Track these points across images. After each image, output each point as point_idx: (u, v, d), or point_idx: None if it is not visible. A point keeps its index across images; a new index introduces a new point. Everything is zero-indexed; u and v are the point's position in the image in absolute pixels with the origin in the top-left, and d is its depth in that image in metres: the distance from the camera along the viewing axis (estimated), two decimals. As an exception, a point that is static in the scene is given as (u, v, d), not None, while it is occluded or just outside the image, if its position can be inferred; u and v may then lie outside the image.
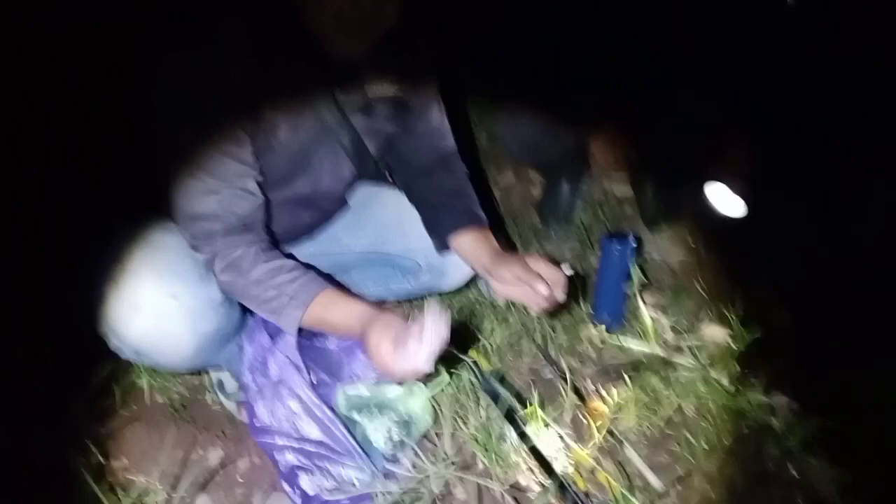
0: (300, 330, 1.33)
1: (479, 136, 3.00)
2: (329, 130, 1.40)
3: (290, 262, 1.34)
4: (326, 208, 1.63)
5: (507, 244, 2.23)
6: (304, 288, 1.30)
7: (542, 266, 1.42)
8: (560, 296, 1.41)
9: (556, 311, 1.67)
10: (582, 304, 1.95)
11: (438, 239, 1.59)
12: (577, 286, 2.01)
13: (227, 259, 1.28)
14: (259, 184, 1.32)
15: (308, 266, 1.38)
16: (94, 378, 1.51)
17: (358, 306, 1.30)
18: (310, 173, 1.46)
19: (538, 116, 2.18)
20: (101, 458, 1.30)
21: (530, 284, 1.38)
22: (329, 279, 1.41)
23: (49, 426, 1.38)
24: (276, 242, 1.46)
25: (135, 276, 1.26)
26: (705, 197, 2.05)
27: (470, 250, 1.55)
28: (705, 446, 1.52)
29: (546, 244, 2.38)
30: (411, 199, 1.66)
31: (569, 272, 1.46)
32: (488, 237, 1.55)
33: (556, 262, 1.45)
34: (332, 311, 1.31)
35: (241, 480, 1.39)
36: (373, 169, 1.62)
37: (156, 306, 1.27)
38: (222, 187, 1.26)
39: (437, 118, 1.59)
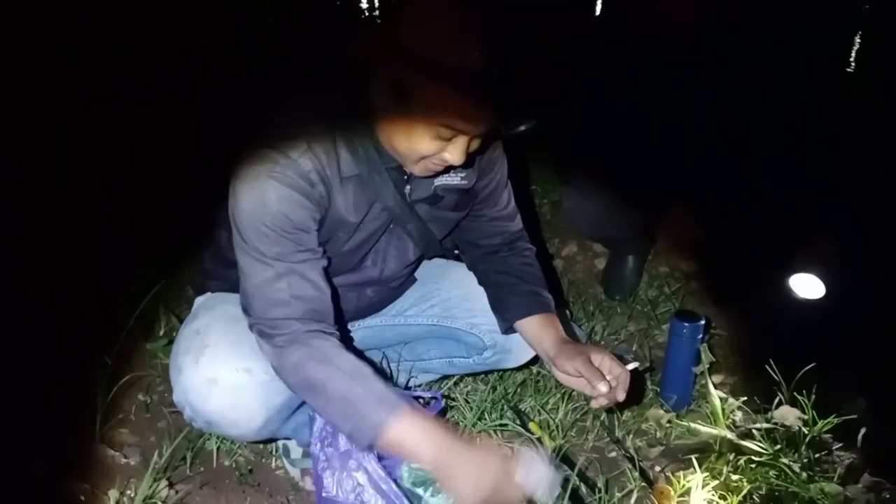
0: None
1: (542, 206, 3.05)
2: (396, 219, 1.44)
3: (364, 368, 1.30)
4: (393, 286, 1.66)
5: (573, 318, 2.22)
6: (390, 397, 1.24)
7: (606, 362, 1.41)
8: (620, 396, 1.40)
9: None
10: (649, 383, 1.93)
11: (503, 321, 1.60)
12: (644, 366, 2.00)
13: (308, 347, 1.26)
14: (325, 271, 1.34)
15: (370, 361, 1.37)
16: (168, 441, 1.56)
17: (437, 430, 1.24)
18: (376, 260, 1.51)
19: (607, 194, 2.21)
20: (174, 524, 1.34)
21: (591, 382, 1.38)
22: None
23: (123, 489, 1.42)
24: (342, 318, 1.49)
25: (215, 351, 1.31)
26: (786, 283, 2.02)
27: (534, 336, 1.55)
28: (777, 537, 1.47)
29: (611, 318, 2.37)
30: (478, 277, 1.68)
31: (633, 366, 1.46)
32: (554, 323, 1.55)
33: (622, 358, 1.45)
34: (410, 430, 1.22)
35: (305, 550, 1.40)
36: (440, 249, 1.65)
37: (231, 380, 1.31)
38: (291, 273, 1.27)
39: (505, 202, 1.62)
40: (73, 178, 2.67)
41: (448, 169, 1.36)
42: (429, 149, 1.23)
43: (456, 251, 1.76)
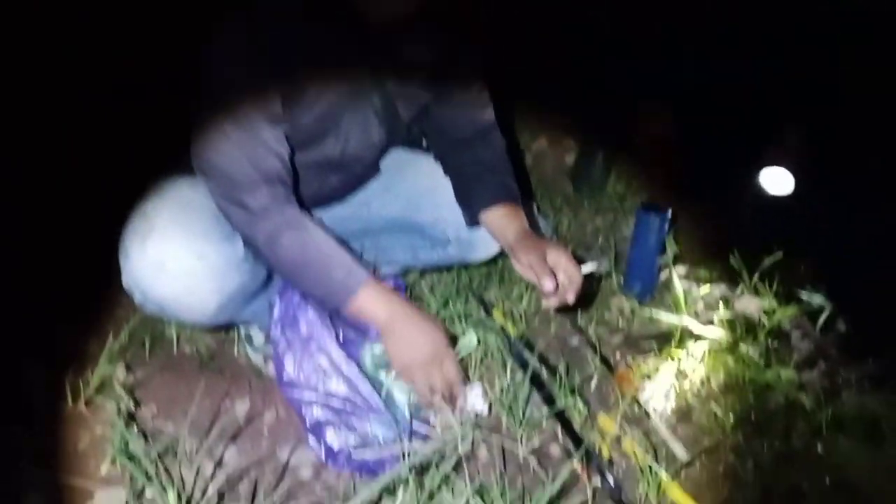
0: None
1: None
2: (360, 92, 1.38)
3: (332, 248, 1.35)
4: (356, 172, 1.61)
5: (540, 212, 2.20)
6: (358, 266, 1.33)
7: (561, 261, 1.38)
8: (570, 298, 1.38)
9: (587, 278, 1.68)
10: (613, 273, 1.93)
11: (468, 212, 1.57)
12: (609, 257, 2.00)
13: (282, 214, 1.29)
14: (287, 140, 1.32)
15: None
16: (125, 326, 1.53)
17: (395, 297, 1.35)
18: (338, 135, 1.44)
19: (574, 95, 2.15)
20: (131, 406, 1.32)
21: (539, 279, 1.36)
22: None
23: (80, 372, 1.40)
24: (306, 206, 1.45)
25: (162, 235, 1.26)
26: (756, 177, 2.00)
27: (497, 226, 1.53)
28: (732, 420, 1.50)
29: (578, 212, 2.36)
30: (446, 169, 1.64)
31: (589, 268, 1.44)
32: (518, 214, 1.52)
33: (581, 260, 1.43)
34: (373, 296, 1.33)
35: (266, 433, 1.40)
36: (405, 135, 1.60)
37: (182, 266, 1.27)
38: (253, 143, 1.25)
39: (478, 89, 1.56)
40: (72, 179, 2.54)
41: (417, 42, 1.31)
42: None
43: (424, 142, 1.71)
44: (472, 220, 1.58)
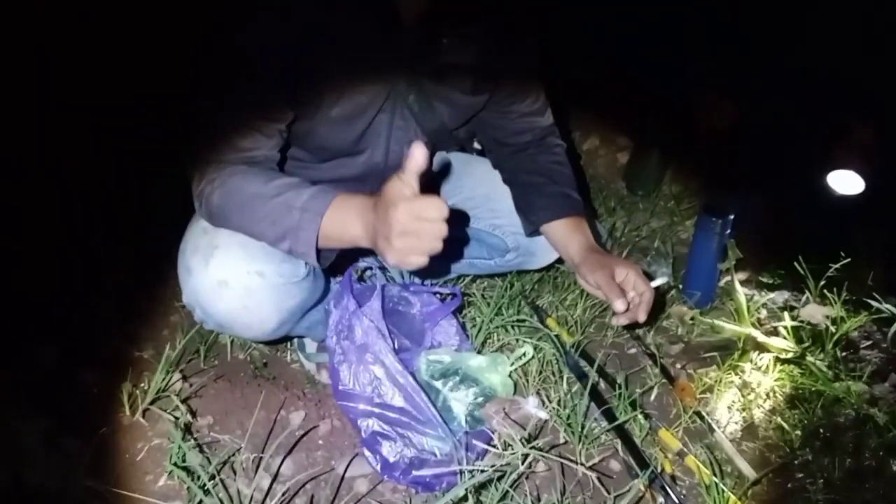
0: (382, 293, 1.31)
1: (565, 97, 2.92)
2: (395, 92, 1.33)
3: (294, 178, 1.21)
4: None
5: (593, 213, 2.15)
6: (317, 199, 1.15)
7: (630, 277, 1.34)
8: (641, 317, 1.33)
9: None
10: (672, 279, 1.88)
11: (529, 223, 1.53)
12: (668, 262, 1.95)
13: (221, 181, 1.18)
14: (283, 137, 1.27)
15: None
16: (180, 333, 1.53)
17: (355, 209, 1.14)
18: (377, 142, 1.40)
19: (631, 91, 2.09)
20: (188, 416, 1.32)
21: (610, 299, 1.31)
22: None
23: (136, 381, 1.41)
24: None
25: (225, 253, 1.24)
26: (823, 179, 1.92)
27: (560, 240, 1.49)
28: (800, 435, 1.44)
29: (633, 214, 2.30)
30: (504, 177, 1.59)
31: (658, 283, 1.40)
32: (581, 227, 1.48)
33: (648, 275, 1.38)
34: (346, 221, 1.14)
35: (321, 443, 1.39)
36: (452, 139, 1.56)
37: (243, 283, 1.25)
38: (237, 117, 1.21)
39: (534, 97, 1.50)
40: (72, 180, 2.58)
41: (455, 41, 1.27)
42: None
43: (477, 146, 1.67)
44: (532, 232, 1.54)
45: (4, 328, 1.45)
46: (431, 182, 1.67)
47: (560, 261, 1.86)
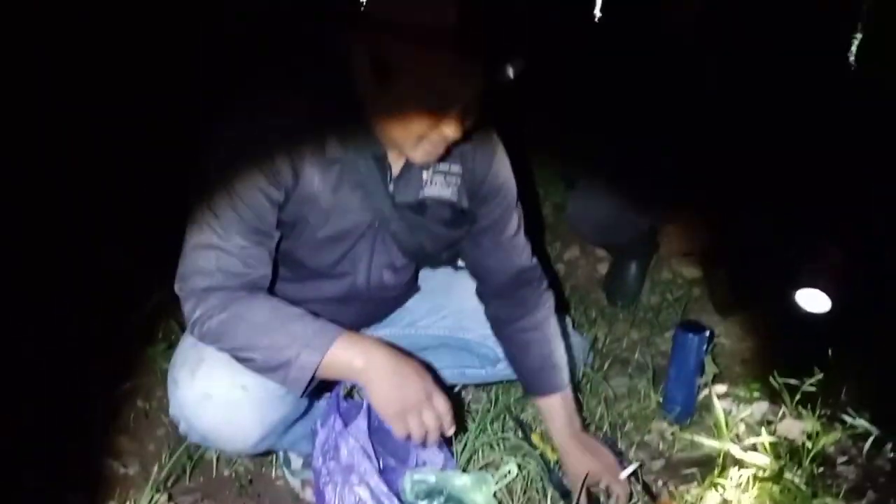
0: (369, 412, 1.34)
1: (545, 208, 3.03)
2: (379, 217, 1.39)
3: (298, 308, 1.27)
4: (389, 296, 1.60)
5: (575, 326, 2.20)
6: (319, 333, 1.22)
7: (606, 477, 1.54)
8: None
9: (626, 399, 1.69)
10: (652, 393, 1.92)
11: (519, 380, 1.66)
12: (647, 376, 1.99)
13: (221, 308, 1.22)
14: (272, 257, 1.31)
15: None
16: (166, 449, 1.54)
17: (367, 344, 1.25)
18: (357, 266, 1.44)
19: (612, 200, 2.19)
20: (174, 539, 1.33)
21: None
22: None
23: (122, 502, 1.41)
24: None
25: (210, 366, 1.28)
26: (792, 296, 2.01)
27: (543, 412, 1.63)
28: (781, 554, 1.46)
29: (613, 325, 2.36)
30: (490, 325, 1.64)
31: (627, 472, 1.56)
32: (565, 404, 1.60)
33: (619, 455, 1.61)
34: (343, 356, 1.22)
35: (306, 564, 1.39)
36: (436, 261, 1.62)
37: (226, 396, 1.28)
38: (222, 248, 1.24)
39: (511, 233, 1.54)
40: (72, 181, 2.65)
41: (436, 178, 1.37)
42: (423, 125, 1.19)
43: (460, 264, 1.73)
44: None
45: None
46: (421, 301, 1.73)
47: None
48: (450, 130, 1.19)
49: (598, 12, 3.11)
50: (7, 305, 1.91)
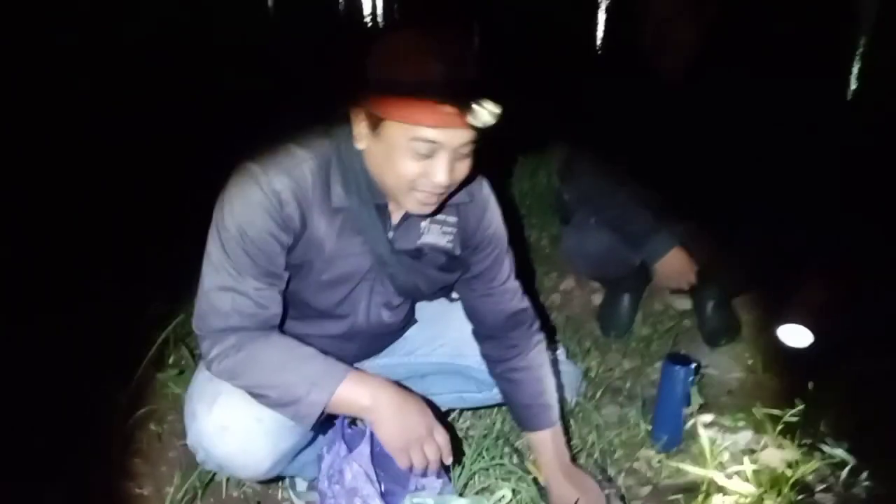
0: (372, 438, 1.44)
1: (542, 240, 3.14)
2: (379, 260, 1.49)
3: (308, 347, 1.39)
4: (388, 331, 1.71)
5: (569, 355, 2.29)
6: (328, 373, 1.35)
7: None
8: None
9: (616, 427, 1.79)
10: (642, 422, 2.01)
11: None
12: (637, 405, 2.09)
13: (237, 348, 1.34)
14: (282, 296, 1.42)
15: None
16: (179, 471, 1.64)
17: (372, 383, 1.37)
18: (358, 306, 1.55)
19: (603, 237, 2.30)
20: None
21: None
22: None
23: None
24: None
25: (227, 400, 1.38)
26: (774, 331, 2.11)
27: (535, 446, 1.73)
28: (760, 577, 1.55)
29: (606, 355, 2.46)
30: (487, 365, 1.74)
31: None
32: (555, 438, 1.70)
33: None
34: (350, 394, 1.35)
35: (311, 583, 1.48)
36: (435, 296, 1.72)
37: (242, 427, 1.38)
38: (237, 291, 1.34)
39: (503, 279, 1.64)
40: (86, 205, 2.76)
41: (435, 211, 1.44)
42: (412, 170, 1.29)
43: (454, 296, 1.83)
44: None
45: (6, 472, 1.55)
46: (419, 331, 1.83)
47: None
48: (440, 177, 1.30)
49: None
50: (25, 332, 2.01)
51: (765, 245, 2.21)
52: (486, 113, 1.22)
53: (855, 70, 4.26)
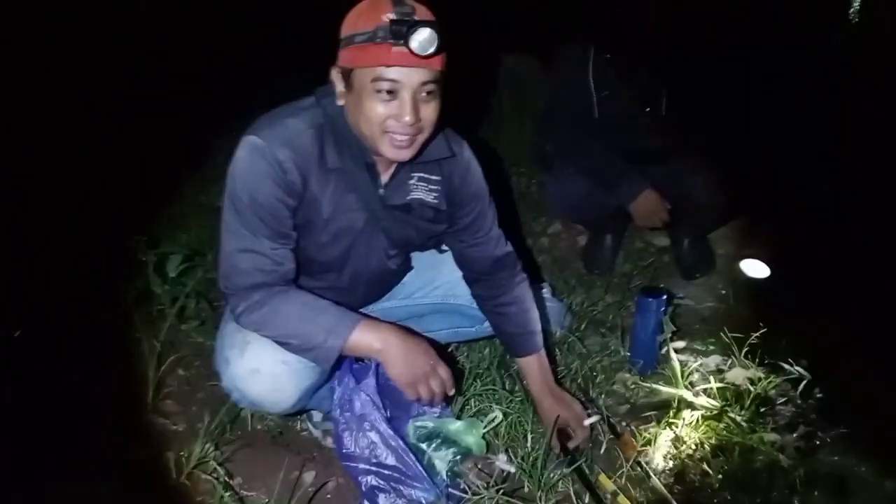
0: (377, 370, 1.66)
1: (531, 187, 3.32)
2: (372, 214, 1.68)
3: (323, 300, 1.58)
4: (386, 279, 1.92)
5: (555, 292, 2.50)
6: (342, 322, 1.55)
7: (571, 424, 1.83)
8: (572, 444, 1.81)
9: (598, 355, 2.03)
10: (621, 349, 2.23)
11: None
12: (617, 335, 2.30)
13: (262, 303, 1.53)
14: (294, 253, 1.60)
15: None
16: (208, 410, 1.86)
17: (381, 328, 1.59)
18: (357, 256, 1.74)
19: (583, 184, 2.48)
20: (226, 478, 1.64)
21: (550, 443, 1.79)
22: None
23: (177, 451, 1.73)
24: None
25: (256, 347, 1.59)
26: (738, 265, 2.31)
27: (523, 371, 1.93)
28: (721, 479, 1.77)
29: (590, 291, 2.66)
30: (477, 303, 1.94)
31: (591, 421, 1.87)
32: (539, 363, 1.90)
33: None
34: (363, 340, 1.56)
35: (329, 497, 1.71)
36: (423, 248, 1.92)
37: (271, 370, 1.59)
38: (254, 251, 1.54)
39: (486, 229, 1.83)
40: (99, 178, 2.94)
41: (419, 169, 1.64)
42: (380, 111, 1.45)
43: (444, 248, 2.01)
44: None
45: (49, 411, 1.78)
46: (415, 276, 2.03)
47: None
48: (406, 116, 1.45)
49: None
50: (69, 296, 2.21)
51: (737, 184, 2.40)
52: (428, 43, 1.38)
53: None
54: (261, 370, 1.59)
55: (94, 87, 3.82)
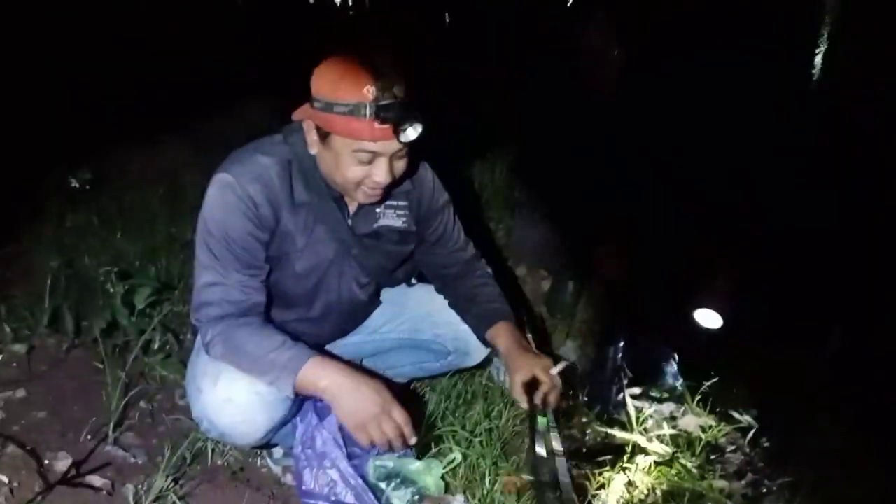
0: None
1: (498, 232, 3.39)
2: (342, 244, 1.76)
3: (281, 336, 1.62)
4: (353, 310, 1.98)
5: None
6: (294, 359, 1.58)
7: (542, 377, 1.80)
8: (552, 403, 1.80)
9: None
10: (579, 394, 2.29)
11: (480, 339, 1.97)
12: (576, 379, 2.36)
13: (224, 336, 1.60)
14: (266, 286, 1.68)
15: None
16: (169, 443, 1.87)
17: (332, 368, 1.60)
18: (330, 287, 1.82)
19: (546, 231, 2.57)
20: (185, 515, 1.65)
21: (516, 398, 1.82)
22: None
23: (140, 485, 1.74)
24: (321, 342, 1.84)
25: (229, 377, 1.62)
26: (691, 315, 2.40)
27: (493, 340, 1.93)
28: (672, 523, 1.83)
29: (553, 334, 2.73)
30: (448, 301, 2.01)
31: (558, 369, 1.85)
32: (504, 330, 1.91)
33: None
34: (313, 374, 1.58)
35: (287, 536, 1.73)
36: (393, 279, 1.99)
37: (244, 399, 1.62)
38: (224, 284, 1.60)
39: (454, 238, 1.95)
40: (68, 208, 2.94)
41: (386, 198, 1.71)
42: (357, 174, 1.57)
43: (413, 281, 2.08)
44: (485, 344, 1.98)
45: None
46: (382, 311, 2.08)
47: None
48: (379, 176, 1.57)
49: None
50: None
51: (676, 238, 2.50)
52: (412, 131, 1.50)
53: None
54: (233, 399, 1.62)
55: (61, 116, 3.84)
